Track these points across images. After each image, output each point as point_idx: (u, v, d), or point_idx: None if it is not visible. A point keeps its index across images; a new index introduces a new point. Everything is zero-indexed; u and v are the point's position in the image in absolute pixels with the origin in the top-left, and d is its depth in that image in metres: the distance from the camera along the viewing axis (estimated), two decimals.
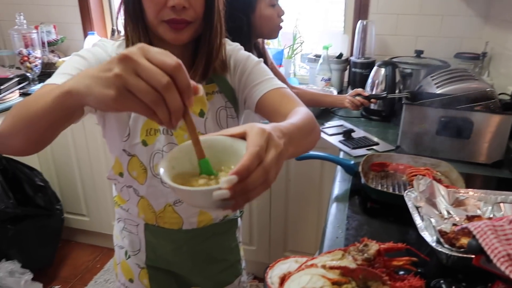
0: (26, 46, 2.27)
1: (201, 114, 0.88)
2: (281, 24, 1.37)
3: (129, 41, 0.82)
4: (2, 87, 1.98)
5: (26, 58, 2.26)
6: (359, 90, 1.69)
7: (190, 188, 0.50)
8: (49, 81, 0.72)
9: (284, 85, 0.87)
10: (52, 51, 2.56)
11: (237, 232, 1.10)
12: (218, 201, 0.47)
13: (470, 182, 1.23)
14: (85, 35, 2.57)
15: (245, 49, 1.34)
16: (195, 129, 0.50)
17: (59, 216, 2.11)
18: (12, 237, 1.87)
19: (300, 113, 0.72)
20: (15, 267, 1.85)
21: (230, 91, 0.92)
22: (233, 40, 1.31)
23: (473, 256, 0.65)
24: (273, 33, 1.37)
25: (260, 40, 1.46)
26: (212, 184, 0.52)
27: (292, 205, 1.93)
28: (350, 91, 1.73)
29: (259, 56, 1.44)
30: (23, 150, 0.66)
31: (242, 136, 0.52)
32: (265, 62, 1.47)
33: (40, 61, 2.32)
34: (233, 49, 0.93)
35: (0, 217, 1.83)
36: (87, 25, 2.59)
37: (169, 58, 0.45)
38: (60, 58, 2.49)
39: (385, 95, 1.62)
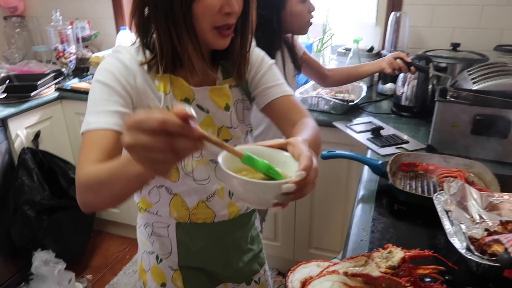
0: (62, 42, 2.35)
1: (227, 108, 0.91)
2: (312, 20, 1.34)
3: (163, 53, 0.81)
4: (39, 82, 2.05)
5: (61, 54, 2.33)
6: (402, 54, 1.61)
7: (260, 181, 0.55)
8: (88, 125, 0.75)
9: (293, 93, 0.93)
10: (86, 46, 2.64)
11: (256, 221, 1.11)
12: (280, 195, 0.53)
13: (507, 184, 1.17)
14: (118, 30, 2.62)
15: (274, 44, 1.32)
16: (221, 142, 0.55)
17: None
18: (47, 227, 1.95)
19: (309, 128, 0.79)
20: (49, 256, 1.93)
21: (245, 85, 0.95)
22: (262, 35, 1.30)
23: None
24: (303, 29, 1.35)
25: (289, 34, 1.43)
26: None
27: (318, 203, 1.90)
28: (392, 53, 1.65)
29: (289, 50, 1.43)
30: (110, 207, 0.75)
31: (282, 147, 0.61)
32: (296, 54, 1.45)
33: (74, 56, 2.40)
34: None
35: (36, 208, 1.91)
36: (119, 20, 2.64)
37: (150, 121, 0.46)
38: (93, 53, 2.56)
39: (427, 67, 1.56)
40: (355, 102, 1.80)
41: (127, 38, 2.35)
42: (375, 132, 1.53)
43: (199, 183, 0.90)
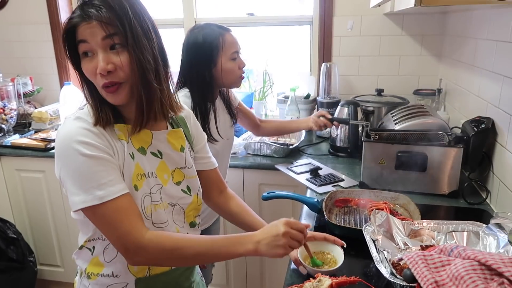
0: (2, 99, 2.31)
1: (182, 149, 0.99)
2: (243, 75, 1.45)
3: (92, 107, 0.87)
4: None
5: (1, 110, 2.29)
6: (324, 111, 1.78)
7: (334, 267, 0.96)
8: (101, 199, 0.79)
9: (217, 164, 1.13)
10: (28, 102, 2.61)
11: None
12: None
13: (430, 212, 1.30)
14: (61, 85, 2.63)
15: (209, 98, 1.41)
16: (308, 246, 0.98)
17: (32, 269, 2.07)
18: None
19: (246, 205, 1.15)
20: None
21: (190, 138, 1.05)
22: (197, 90, 1.39)
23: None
24: (235, 84, 1.45)
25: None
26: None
27: None
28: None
29: (225, 102, 1.52)
30: None
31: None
32: (231, 105, 1.54)
33: (15, 112, 2.35)
34: (191, 112, 1.09)
35: None
36: (63, 76, 2.66)
37: (300, 225, 0.91)
38: (36, 108, 2.53)
39: (347, 119, 1.72)
40: (295, 145, 1.92)
41: (72, 93, 2.37)
42: (314, 172, 1.64)
43: (158, 226, 0.91)
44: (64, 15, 2.56)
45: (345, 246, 1.02)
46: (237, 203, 1.14)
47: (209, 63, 1.36)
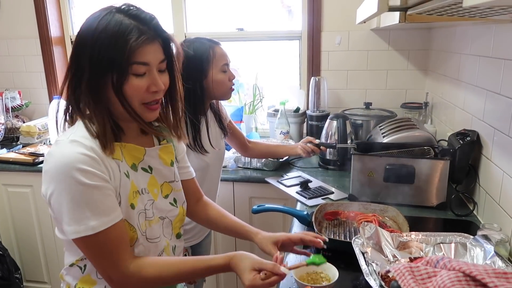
0: None
1: (172, 163, 1.01)
2: (233, 87, 1.46)
3: (90, 125, 0.85)
4: None
5: None
6: (311, 138, 1.79)
7: (326, 284, 0.97)
8: (94, 229, 0.80)
9: (194, 174, 1.15)
10: (16, 116, 2.59)
11: None
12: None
13: (419, 224, 1.31)
14: (50, 100, 2.62)
15: (199, 110, 1.42)
16: (299, 264, 0.97)
17: (18, 285, 2.02)
18: None
19: (223, 210, 1.16)
20: None
21: (176, 150, 1.07)
22: (188, 102, 1.40)
23: None
24: (225, 96, 1.46)
25: (215, 101, 1.55)
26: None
27: (257, 252, 1.93)
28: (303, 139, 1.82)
29: (215, 115, 1.53)
30: None
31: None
32: (222, 118, 1.55)
33: (3, 126, 2.34)
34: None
35: None
36: (52, 90, 2.65)
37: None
38: (24, 122, 2.51)
39: (334, 144, 1.73)
40: (285, 158, 1.93)
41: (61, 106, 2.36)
42: (304, 185, 1.65)
43: (152, 241, 0.93)
44: (54, 30, 2.57)
45: (327, 240, 1.05)
46: (214, 208, 1.16)
47: (200, 75, 1.37)
